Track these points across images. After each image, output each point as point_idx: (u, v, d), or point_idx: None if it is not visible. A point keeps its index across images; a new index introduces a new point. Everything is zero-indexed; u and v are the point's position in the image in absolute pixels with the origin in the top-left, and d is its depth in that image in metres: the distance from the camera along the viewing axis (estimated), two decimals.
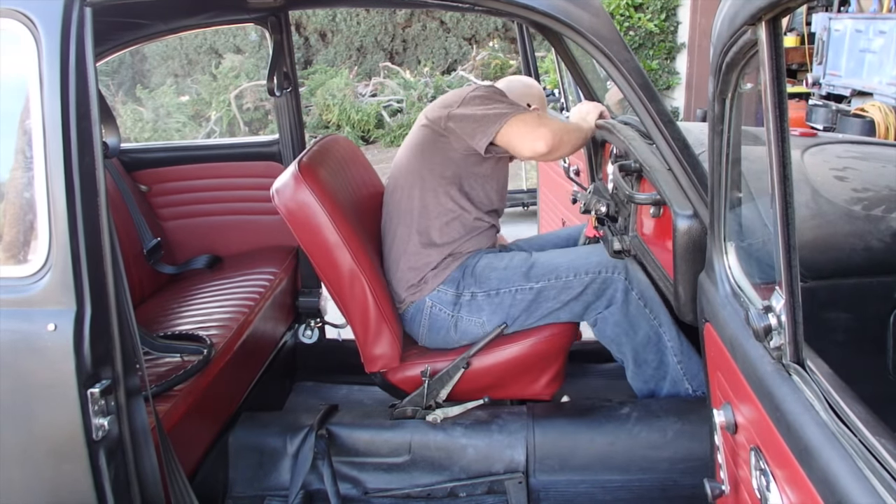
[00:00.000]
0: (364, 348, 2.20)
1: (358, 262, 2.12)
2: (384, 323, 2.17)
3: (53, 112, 1.37)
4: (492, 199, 2.33)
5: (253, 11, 2.70)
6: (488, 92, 2.26)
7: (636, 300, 2.15)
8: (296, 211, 2.09)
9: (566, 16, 1.57)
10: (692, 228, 1.59)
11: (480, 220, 2.30)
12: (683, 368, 2.19)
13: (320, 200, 2.07)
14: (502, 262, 2.22)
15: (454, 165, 2.24)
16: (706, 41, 1.49)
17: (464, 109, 2.19)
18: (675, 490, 2.00)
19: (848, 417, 0.87)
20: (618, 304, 2.15)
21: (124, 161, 2.91)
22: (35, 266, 1.40)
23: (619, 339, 2.19)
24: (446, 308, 2.21)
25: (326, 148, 2.38)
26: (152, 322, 2.41)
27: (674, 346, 2.18)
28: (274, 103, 3.02)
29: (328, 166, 2.25)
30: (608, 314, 2.17)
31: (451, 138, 2.21)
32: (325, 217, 2.07)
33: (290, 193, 2.09)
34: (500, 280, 2.19)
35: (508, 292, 2.18)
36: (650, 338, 2.17)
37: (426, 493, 2.09)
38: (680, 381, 2.21)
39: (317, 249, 2.12)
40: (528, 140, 2.11)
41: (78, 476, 1.42)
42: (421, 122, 2.33)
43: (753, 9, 0.95)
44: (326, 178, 2.17)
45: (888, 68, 5.74)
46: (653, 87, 1.63)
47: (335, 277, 2.14)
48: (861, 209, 1.62)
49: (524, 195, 5.94)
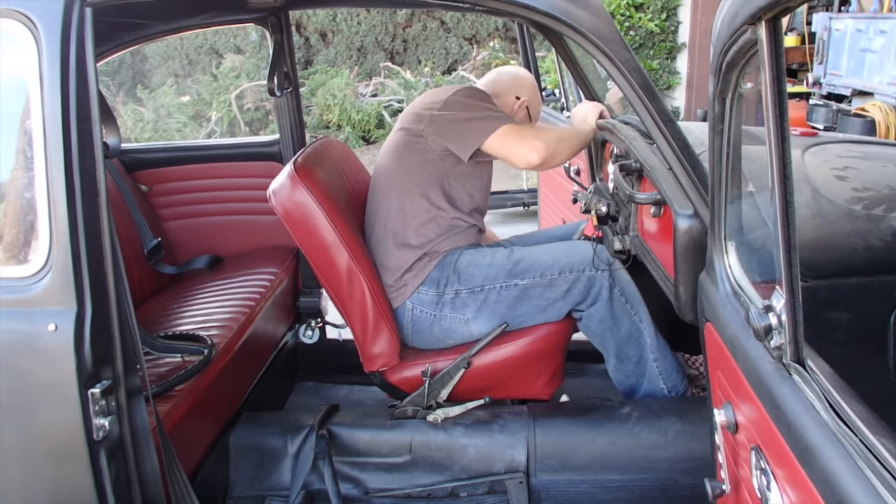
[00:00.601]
0: (363, 347, 2.21)
1: (356, 261, 2.12)
2: (383, 321, 2.17)
3: (54, 112, 1.37)
4: (473, 197, 2.31)
5: (253, 11, 2.70)
6: (472, 94, 2.24)
7: (619, 297, 2.16)
8: (293, 211, 2.09)
9: (567, 16, 1.57)
10: (693, 228, 1.59)
11: (459, 220, 2.28)
12: (659, 367, 2.21)
13: (317, 200, 2.07)
14: (486, 259, 2.21)
15: (431, 165, 2.22)
16: (707, 41, 1.48)
17: (446, 112, 2.17)
18: (676, 490, 1.99)
19: (848, 417, 0.87)
20: (603, 301, 2.16)
21: (125, 161, 2.91)
22: (36, 266, 1.41)
23: (604, 334, 2.20)
24: (427, 308, 2.21)
25: (320, 150, 2.38)
26: (153, 322, 2.41)
27: (651, 343, 2.20)
28: (274, 103, 3.02)
29: (323, 167, 2.26)
30: (593, 311, 2.18)
31: (429, 139, 2.19)
32: (323, 216, 2.08)
33: (286, 194, 2.09)
34: (485, 277, 2.18)
35: (493, 289, 2.17)
36: (632, 333, 2.19)
37: (427, 493, 2.09)
38: (656, 380, 2.22)
39: (315, 249, 2.13)
40: (520, 151, 2.10)
41: (79, 476, 1.42)
42: (399, 125, 2.32)
43: (753, 8, 0.95)
44: (322, 178, 2.17)
45: (889, 68, 5.74)
46: (653, 86, 1.63)
47: (333, 277, 2.14)
48: (862, 208, 1.62)
49: (525, 195, 5.94)
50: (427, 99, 2.29)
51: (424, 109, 2.23)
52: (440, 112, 2.18)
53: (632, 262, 2.22)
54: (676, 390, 2.24)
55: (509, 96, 2.42)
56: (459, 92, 2.23)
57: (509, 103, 2.42)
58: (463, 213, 2.28)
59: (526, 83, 2.50)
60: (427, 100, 2.28)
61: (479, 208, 2.37)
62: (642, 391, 2.25)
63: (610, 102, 2.63)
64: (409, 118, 2.28)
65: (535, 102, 2.52)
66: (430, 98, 2.28)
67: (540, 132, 2.17)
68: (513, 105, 2.43)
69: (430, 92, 2.36)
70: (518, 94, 2.45)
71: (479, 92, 2.30)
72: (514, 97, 2.43)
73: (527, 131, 2.15)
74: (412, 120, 2.25)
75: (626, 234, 2.14)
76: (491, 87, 2.43)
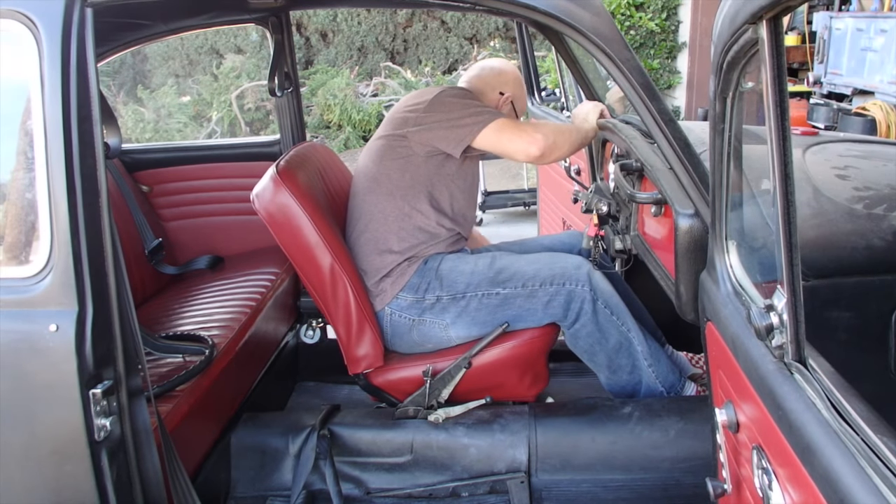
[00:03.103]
0: (347, 349, 2.21)
1: (339, 263, 2.12)
2: (366, 323, 2.18)
3: (55, 113, 1.37)
4: (457, 198, 2.28)
5: (254, 12, 2.70)
6: (457, 94, 2.22)
7: (603, 309, 2.14)
8: (276, 213, 2.11)
9: (567, 15, 1.57)
10: (693, 227, 1.59)
11: (441, 226, 2.25)
12: (654, 371, 2.20)
13: (299, 202, 2.08)
14: (468, 266, 2.20)
15: (413, 169, 2.20)
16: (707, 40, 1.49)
17: (433, 113, 2.15)
18: (678, 489, 1.99)
19: (850, 416, 0.87)
20: (587, 316, 2.14)
21: (126, 161, 2.91)
22: (37, 267, 1.41)
23: (593, 348, 2.18)
24: (406, 313, 2.20)
25: (304, 154, 2.39)
26: (154, 322, 2.41)
27: (643, 350, 2.18)
28: (275, 103, 3.02)
29: (306, 170, 2.26)
30: (579, 327, 2.16)
31: (414, 140, 2.17)
32: (305, 218, 2.09)
33: (269, 196, 2.11)
34: (468, 284, 2.17)
35: (475, 296, 2.16)
36: (622, 343, 2.17)
37: (428, 492, 2.09)
38: (653, 384, 2.21)
39: (298, 251, 2.14)
40: (519, 143, 2.10)
41: (80, 477, 1.42)
42: (381, 132, 2.29)
43: (754, 8, 0.95)
44: (305, 181, 2.18)
45: (889, 67, 5.74)
46: (654, 86, 1.63)
47: (317, 279, 2.15)
48: (862, 208, 1.62)
49: (525, 195, 5.94)
50: (410, 101, 2.27)
51: (408, 112, 2.21)
52: (426, 113, 2.16)
53: (633, 261, 2.22)
54: (674, 390, 2.24)
55: (493, 93, 2.40)
56: (444, 93, 2.22)
57: (493, 100, 2.39)
58: (446, 217, 2.26)
59: (509, 78, 2.45)
60: (410, 101, 2.26)
61: (463, 214, 2.33)
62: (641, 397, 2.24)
63: (610, 102, 2.62)
64: (392, 123, 2.25)
65: (520, 97, 2.48)
66: (414, 99, 2.26)
67: (539, 125, 2.16)
68: (497, 101, 2.39)
69: (411, 94, 2.34)
70: (502, 90, 2.41)
71: (464, 91, 2.29)
72: (497, 93, 2.40)
73: (524, 124, 2.14)
74: (395, 124, 2.23)
75: (627, 234, 2.14)
76: (474, 84, 2.40)
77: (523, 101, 2.52)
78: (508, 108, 2.42)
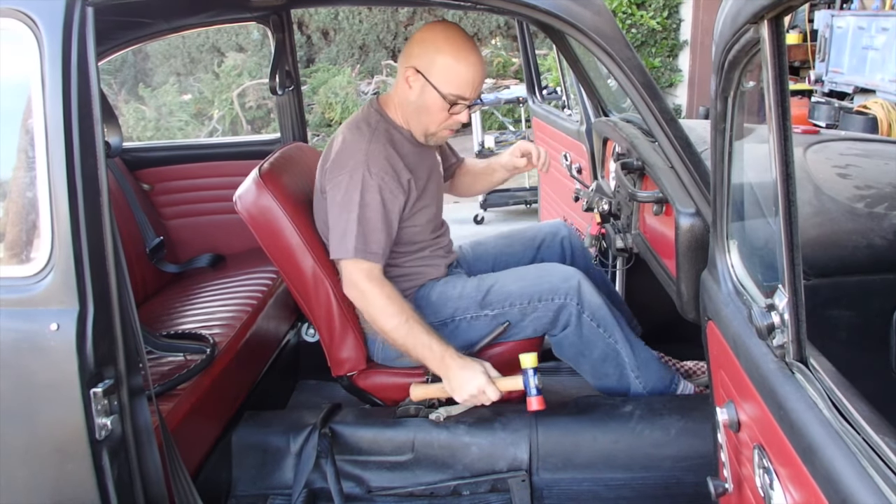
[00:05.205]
0: (330, 351, 2.22)
1: (321, 265, 2.12)
2: (349, 326, 2.18)
3: (55, 111, 1.37)
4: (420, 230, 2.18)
5: (255, 10, 2.70)
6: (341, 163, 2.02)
7: (589, 322, 2.12)
8: (257, 216, 2.11)
9: (568, 14, 1.56)
10: (694, 226, 1.59)
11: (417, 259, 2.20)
12: (643, 382, 2.17)
13: (281, 205, 2.08)
14: (455, 291, 2.18)
15: None
16: (709, 39, 1.48)
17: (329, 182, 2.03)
18: (679, 488, 1.99)
19: (851, 415, 0.87)
20: (572, 327, 2.12)
21: (127, 160, 2.92)
22: (38, 266, 1.41)
23: (576, 357, 2.18)
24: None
25: (289, 155, 2.38)
26: (155, 321, 2.41)
27: (630, 362, 2.16)
28: (276, 102, 3.02)
29: (290, 172, 2.26)
30: (563, 336, 2.14)
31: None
32: (287, 220, 2.09)
33: (251, 199, 2.11)
34: (456, 309, 2.16)
35: (464, 319, 2.16)
36: (607, 354, 2.15)
37: (429, 491, 2.08)
38: (641, 393, 2.19)
39: (280, 253, 2.14)
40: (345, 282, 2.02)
41: (81, 476, 1.42)
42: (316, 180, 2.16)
43: (756, 7, 0.95)
44: (288, 184, 2.18)
45: (891, 65, 5.72)
46: (655, 84, 1.62)
47: (299, 281, 2.15)
48: (864, 206, 1.62)
49: (526, 193, 5.94)
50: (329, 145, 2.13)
51: (322, 164, 2.11)
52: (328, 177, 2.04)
53: (633, 260, 2.22)
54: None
55: (404, 71, 2.02)
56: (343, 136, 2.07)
57: (402, 78, 2.04)
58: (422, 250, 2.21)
59: (428, 49, 1.96)
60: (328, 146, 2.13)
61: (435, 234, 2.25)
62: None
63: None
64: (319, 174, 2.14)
65: (445, 81, 1.95)
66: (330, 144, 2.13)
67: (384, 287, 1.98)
68: (406, 76, 2.01)
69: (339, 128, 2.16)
70: (415, 64, 1.98)
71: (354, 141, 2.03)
72: (407, 66, 2.00)
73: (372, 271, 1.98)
74: (318, 176, 2.14)
75: (628, 233, 2.14)
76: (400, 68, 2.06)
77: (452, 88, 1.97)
78: (418, 91, 1.99)
